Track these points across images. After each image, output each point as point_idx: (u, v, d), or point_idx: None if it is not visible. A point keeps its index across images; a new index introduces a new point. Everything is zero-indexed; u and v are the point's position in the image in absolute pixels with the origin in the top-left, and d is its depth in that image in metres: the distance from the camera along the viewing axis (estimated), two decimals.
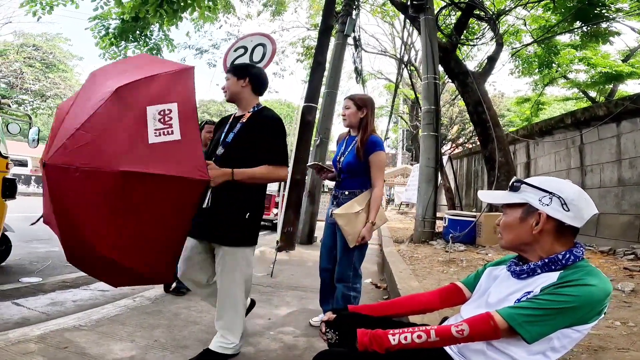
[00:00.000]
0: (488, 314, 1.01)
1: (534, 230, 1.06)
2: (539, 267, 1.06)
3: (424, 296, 1.35)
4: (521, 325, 0.95)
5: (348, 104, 2.44)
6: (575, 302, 0.94)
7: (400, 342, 1.02)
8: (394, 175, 26.18)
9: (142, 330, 2.37)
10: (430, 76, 6.60)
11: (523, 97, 16.60)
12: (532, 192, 1.08)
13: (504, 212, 1.16)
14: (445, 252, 5.03)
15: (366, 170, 2.38)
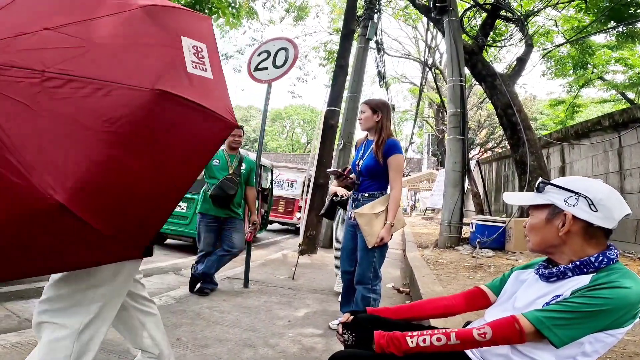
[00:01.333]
0: (513, 317, 0.97)
1: (560, 232, 1.02)
2: (570, 270, 1.01)
3: (446, 299, 1.30)
4: (549, 328, 0.92)
5: (364, 109, 2.50)
6: (609, 305, 0.89)
7: (418, 344, 0.99)
8: (419, 180, 25.75)
9: (166, 328, 2.40)
10: (455, 78, 6.47)
11: (557, 100, 15.92)
12: (557, 192, 1.04)
13: (530, 214, 1.12)
14: (472, 258, 4.88)
15: (385, 173, 2.41)
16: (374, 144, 2.43)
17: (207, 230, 3.43)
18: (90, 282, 1.33)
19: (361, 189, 2.49)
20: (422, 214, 23.11)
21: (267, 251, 6.42)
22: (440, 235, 6.34)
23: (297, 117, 44.70)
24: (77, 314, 1.31)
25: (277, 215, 9.46)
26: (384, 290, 3.90)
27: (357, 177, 2.54)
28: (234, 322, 2.65)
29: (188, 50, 1.24)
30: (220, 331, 2.46)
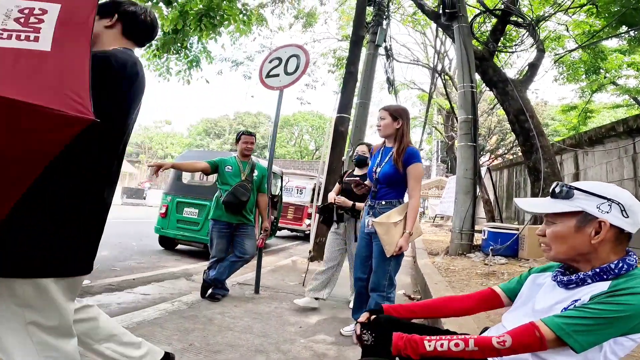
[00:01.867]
0: (532, 324, 0.95)
1: (594, 240, 0.99)
2: (589, 277, 0.99)
3: (459, 299, 1.30)
4: (570, 334, 0.90)
5: (383, 115, 2.45)
6: (629, 310, 0.88)
7: (436, 349, 0.98)
8: (428, 187, 25.56)
9: (178, 333, 2.44)
10: (466, 85, 6.43)
11: (569, 105, 15.73)
12: (587, 199, 1.00)
13: (548, 221, 1.08)
14: (485, 265, 4.81)
15: (403, 181, 2.40)
16: (395, 152, 2.40)
17: (219, 237, 3.44)
18: None
19: (378, 197, 2.47)
20: (432, 220, 22.91)
21: (277, 257, 6.42)
22: (451, 243, 6.26)
23: (305, 124, 44.81)
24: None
25: (287, 221, 9.48)
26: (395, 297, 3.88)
27: (374, 185, 2.51)
28: (245, 328, 2.65)
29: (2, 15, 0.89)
30: (232, 337, 2.46)
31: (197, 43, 7.53)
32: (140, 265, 5.01)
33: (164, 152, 43.30)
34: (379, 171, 2.45)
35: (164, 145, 43.72)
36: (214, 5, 6.35)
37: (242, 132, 3.68)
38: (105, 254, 5.55)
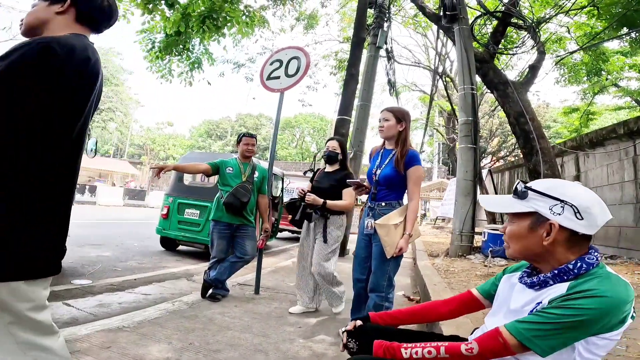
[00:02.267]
0: (496, 330, 0.96)
1: (545, 241, 0.98)
2: (550, 279, 0.98)
3: (441, 305, 1.32)
4: (530, 340, 0.91)
5: (387, 116, 2.45)
6: (586, 315, 0.87)
7: (411, 356, 1.01)
8: (430, 189, 25.56)
9: (178, 333, 2.47)
10: (467, 87, 6.46)
11: (571, 107, 15.71)
12: (541, 199, 1.00)
13: (509, 220, 1.09)
14: (484, 267, 4.82)
15: (403, 183, 2.42)
16: (398, 155, 2.40)
17: (220, 237, 3.47)
18: None
19: (378, 198, 2.47)
20: (433, 223, 22.89)
21: (277, 259, 6.44)
22: (451, 244, 6.28)
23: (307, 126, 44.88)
24: None
25: (287, 223, 9.48)
26: (394, 298, 3.88)
27: (373, 187, 2.51)
28: (245, 328, 2.67)
29: None
30: (231, 336, 2.48)
31: (199, 45, 7.56)
32: (141, 266, 5.04)
33: (165, 153, 43.43)
34: (379, 173, 2.45)
35: (165, 147, 43.85)
36: (217, 7, 6.39)
37: (243, 133, 3.71)
38: (108, 254, 5.59)
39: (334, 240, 3.10)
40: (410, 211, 2.39)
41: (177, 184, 6.30)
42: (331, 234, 3.10)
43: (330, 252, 3.09)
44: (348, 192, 3.09)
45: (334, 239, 3.11)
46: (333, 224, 3.13)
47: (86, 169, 32.31)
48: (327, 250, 3.08)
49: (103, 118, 35.78)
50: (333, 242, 3.10)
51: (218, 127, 50.84)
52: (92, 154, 4.21)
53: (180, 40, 6.93)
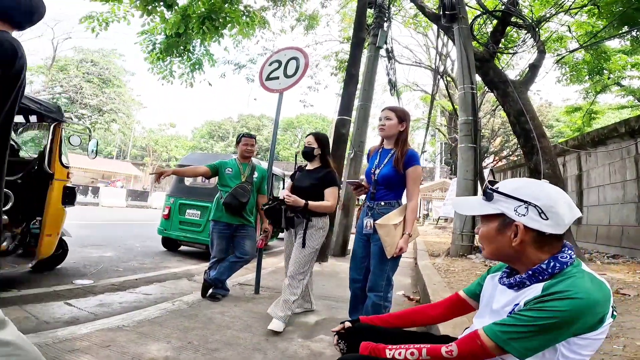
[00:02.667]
0: (475, 333, 0.97)
1: (513, 243, 0.98)
2: (526, 279, 0.98)
3: (430, 309, 1.33)
4: (506, 342, 0.90)
5: (389, 115, 2.44)
6: (561, 317, 0.86)
7: (394, 356, 1.03)
8: (432, 189, 25.53)
9: (178, 332, 2.48)
10: (467, 86, 6.45)
11: (573, 106, 15.67)
12: (505, 201, 1.00)
13: (481, 221, 1.09)
14: (485, 266, 4.81)
15: (402, 183, 2.41)
16: (398, 154, 2.40)
17: (219, 237, 3.49)
18: None
19: (377, 198, 2.46)
20: (435, 223, 22.85)
21: (278, 259, 6.44)
22: (452, 244, 6.27)
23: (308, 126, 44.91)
24: None
25: None
26: (394, 297, 3.89)
27: (372, 186, 2.50)
28: (244, 327, 2.69)
29: None
30: (230, 335, 2.50)
31: (199, 46, 7.59)
32: (143, 266, 5.06)
33: (168, 154, 43.58)
34: (377, 172, 2.44)
35: (168, 148, 44.01)
36: (216, 8, 6.41)
37: (242, 134, 3.73)
38: (110, 255, 5.62)
39: (312, 245, 2.85)
40: (409, 211, 2.38)
41: (178, 184, 6.33)
42: (311, 238, 2.85)
43: (307, 261, 2.83)
44: (331, 192, 2.90)
45: (313, 244, 2.85)
46: (314, 227, 2.87)
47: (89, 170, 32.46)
48: (303, 259, 2.82)
49: (106, 120, 35.89)
50: (312, 247, 2.84)
51: (220, 128, 50.95)
52: (93, 155, 4.25)
53: (181, 42, 6.95)
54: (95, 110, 34.32)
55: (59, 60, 32.68)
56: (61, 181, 3.69)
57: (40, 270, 4.06)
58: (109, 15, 6.54)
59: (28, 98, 3.35)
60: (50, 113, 3.54)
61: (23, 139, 4.69)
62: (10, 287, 3.41)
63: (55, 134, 3.64)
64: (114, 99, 34.85)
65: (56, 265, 4.31)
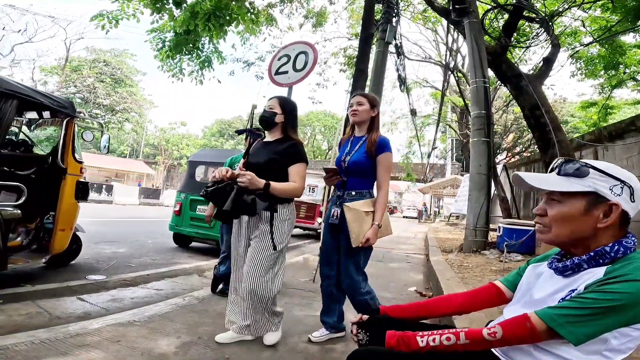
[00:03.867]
0: (525, 316, 0.92)
1: (600, 224, 0.92)
2: (585, 262, 0.93)
3: (459, 297, 1.24)
4: (563, 326, 0.86)
5: (361, 101, 2.37)
6: (624, 300, 0.82)
7: (428, 343, 0.96)
8: (443, 186, 25.28)
9: (188, 327, 2.47)
10: (479, 80, 6.34)
11: (588, 102, 15.35)
12: (601, 179, 0.93)
13: (552, 200, 1.00)
14: (500, 262, 4.71)
15: (373, 171, 2.30)
16: (370, 139, 2.31)
17: (229, 233, 3.47)
18: None
19: (348, 187, 2.33)
20: (447, 220, 22.63)
21: (289, 255, 6.43)
22: (465, 240, 6.18)
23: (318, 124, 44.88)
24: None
25: (299, 220, 9.46)
26: (406, 293, 3.84)
27: (343, 174, 2.38)
28: None
29: None
30: None
31: (208, 43, 7.61)
32: (154, 262, 5.10)
33: (179, 153, 44.01)
34: (348, 160, 2.34)
35: (179, 147, 44.44)
36: (222, 5, 6.40)
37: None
38: (122, 251, 5.68)
39: (280, 242, 2.24)
40: (379, 200, 2.25)
41: (189, 180, 6.36)
42: (278, 233, 2.23)
43: (273, 262, 2.21)
44: (297, 171, 2.25)
45: (280, 241, 2.24)
46: (278, 219, 2.25)
47: (102, 169, 33.02)
48: (268, 259, 2.18)
49: (118, 119, 36.42)
50: (279, 245, 2.23)
51: (230, 127, 51.28)
52: (105, 150, 4.28)
53: (190, 39, 6.98)
54: (108, 109, 34.85)
55: (72, 61, 33.23)
56: (74, 176, 3.72)
57: (54, 266, 4.11)
58: (119, 13, 6.61)
59: (41, 94, 3.38)
60: (63, 109, 3.56)
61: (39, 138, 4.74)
62: (24, 282, 3.45)
63: (68, 129, 3.67)
64: (126, 98, 35.32)
65: (70, 260, 4.36)
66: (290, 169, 2.26)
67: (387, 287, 4.10)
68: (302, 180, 2.27)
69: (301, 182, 2.27)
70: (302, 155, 2.32)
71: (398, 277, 4.80)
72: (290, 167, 2.26)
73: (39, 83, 30.49)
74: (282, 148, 2.27)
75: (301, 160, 2.29)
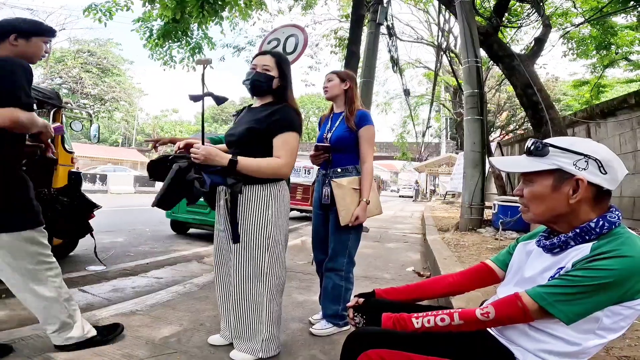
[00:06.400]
0: (516, 295, 0.93)
1: (571, 200, 0.94)
2: (571, 239, 0.95)
3: (451, 277, 1.27)
4: (553, 305, 0.87)
5: (331, 77, 2.36)
6: (612, 276, 0.83)
7: (423, 325, 0.98)
8: (438, 164, 25.37)
9: (190, 314, 2.51)
10: (471, 60, 6.36)
11: (580, 80, 15.52)
12: (563, 155, 0.94)
13: (526, 181, 1.03)
14: (495, 240, 4.79)
15: (356, 145, 2.26)
16: (347, 112, 2.28)
17: None
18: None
19: (333, 164, 2.29)
20: (442, 198, 22.82)
21: (295, 234, 6.49)
22: (461, 218, 6.26)
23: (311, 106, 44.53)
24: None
25: (295, 202, 9.38)
26: (404, 273, 3.91)
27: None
28: None
29: None
30: None
31: (197, 30, 7.47)
32: (153, 250, 5.13)
33: None
34: (329, 136, 2.30)
35: (173, 134, 43.98)
36: None
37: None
38: (121, 240, 5.69)
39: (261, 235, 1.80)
40: (364, 174, 2.21)
41: None
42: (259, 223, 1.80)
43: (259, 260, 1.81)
44: (283, 142, 1.79)
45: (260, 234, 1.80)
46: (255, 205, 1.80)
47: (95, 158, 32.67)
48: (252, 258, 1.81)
49: (108, 108, 35.87)
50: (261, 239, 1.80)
51: (223, 112, 50.70)
52: (95, 139, 4.24)
53: (179, 27, 6.87)
54: (96, 99, 34.26)
55: (55, 52, 32.40)
56: (66, 166, 3.70)
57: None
58: (111, 5, 6.54)
59: None
60: (48, 99, 3.53)
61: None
62: None
63: (56, 120, 3.63)
64: (114, 87, 34.72)
65: (69, 252, 4.36)
66: (275, 139, 1.79)
67: (386, 268, 4.17)
68: (289, 154, 1.79)
69: (287, 157, 1.78)
70: (292, 122, 1.82)
71: (396, 257, 4.87)
72: (275, 137, 1.79)
73: None
74: (265, 114, 1.82)
75: (289, 129, 1.80)
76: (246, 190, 1.80)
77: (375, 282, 3.55)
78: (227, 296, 1.98)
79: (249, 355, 1.85)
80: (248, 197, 1.81)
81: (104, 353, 1.88)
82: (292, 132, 1.81)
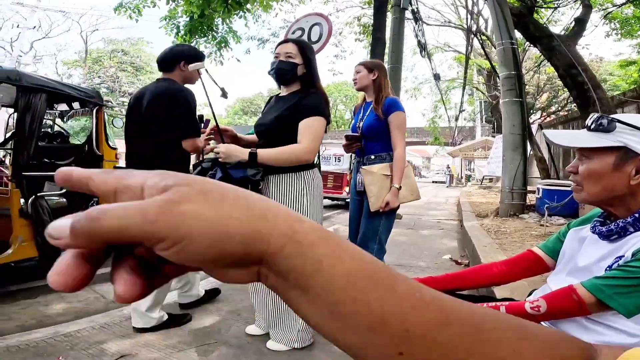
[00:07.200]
0: (570, 288, 0.86)
1: (633, 180, 0.85)
2: (630, 225, 0.86)
3: (496, 267, 1.17)
4: (612, 297, 0.79)
5: (358, 69, 2.40)
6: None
7: None
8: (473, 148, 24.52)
9: (228, 305, 2.56)
10: (505, 42, 6.10)
11: (627, 60, 14.75)
12: (632, 133, 0.86)
13: (583, 157, 0.94)
14: (540, 226, 4.54)
15: (387, 132, 2.27)
16: (374, 103, 2.31)
17: None
18: None
19: (367, 152, 2.34)
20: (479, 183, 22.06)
21: None
22: (501, 203, 6.01)
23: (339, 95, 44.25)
24: None
25: (327, 190, 9.27)
26: (441, 262, 3.79)
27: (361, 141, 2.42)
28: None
29: None
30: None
31: (221, 24, 7.59)
32: None
33: None
34: (361, 125, 2.35)
35: None
36: None
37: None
38: None
39: None
40: (396, 160, 2.21)
41: None
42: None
43: None
44: (307, 128, 1.76)
45: None
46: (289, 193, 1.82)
47: None
48: None
49: None
50: None
51: (252, 104, 51.49)
52: None
53: (204, 22, 7.03)
54: None
55: (92, 53, 33.97)
56: (110, 162, 3.92)
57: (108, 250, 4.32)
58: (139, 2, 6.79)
59: (67, 86, 3.53)
60: (90, 99, 3.72)
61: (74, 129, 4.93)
62: None
63: (99, 117, 3.84)
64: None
65: None
66: (301, 124, 1.75)
67: (421, 256, 4.06)
68: (310, 138, 1.73)
69: (309, 141, 1.73)
70: (316, 106, 1.78)
71: (430, 244, 4.71)
72: (302, 123, 1.75)
73: (64, 76, 31.43)
74: (295, 102, 1.80)
75: (313, 113, 1.76)
76: (277, 180, 1.82)
77: (410, 270, 3.47)
78: (261, 287, 1.99)
79: (284, 345, 1.90)
80: (280, 186, 1.82)
81: (151, 344, 1.95)
82: (317, 116, 1.78)
